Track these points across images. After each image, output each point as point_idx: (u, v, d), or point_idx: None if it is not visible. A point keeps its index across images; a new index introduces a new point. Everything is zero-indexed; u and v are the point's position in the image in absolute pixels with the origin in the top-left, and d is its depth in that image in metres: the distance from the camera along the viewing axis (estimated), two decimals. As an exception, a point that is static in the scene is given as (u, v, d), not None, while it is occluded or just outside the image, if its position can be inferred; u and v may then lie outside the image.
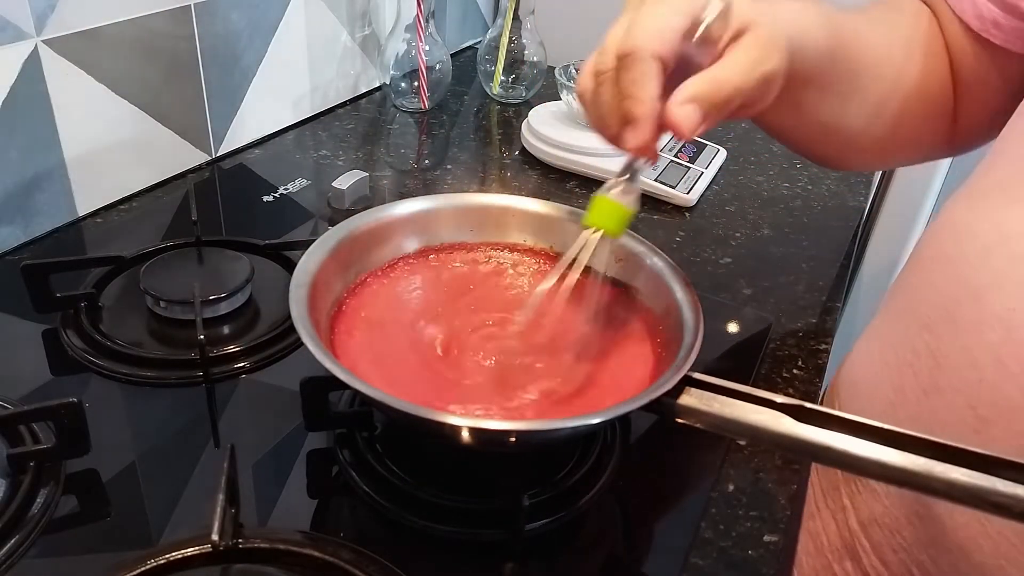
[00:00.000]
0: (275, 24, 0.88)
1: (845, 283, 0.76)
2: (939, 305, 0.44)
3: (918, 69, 0.54)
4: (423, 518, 0.45)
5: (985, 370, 0.40)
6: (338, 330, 0.50)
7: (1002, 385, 0.39)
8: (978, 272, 0.42)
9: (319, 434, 0.51)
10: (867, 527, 0.47)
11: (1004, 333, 0.39)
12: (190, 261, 0.64)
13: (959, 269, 0.43)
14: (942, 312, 0.44)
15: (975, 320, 0.41)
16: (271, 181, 0.83)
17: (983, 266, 0.42)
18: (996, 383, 0.39)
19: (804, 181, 0.91)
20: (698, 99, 0.41)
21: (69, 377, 0.55)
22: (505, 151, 0.96)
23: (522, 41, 1.05)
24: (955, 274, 0.44)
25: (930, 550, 0.43)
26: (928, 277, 0.46)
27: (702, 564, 0.45)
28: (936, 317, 0.44)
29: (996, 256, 0.41)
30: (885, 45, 0.54)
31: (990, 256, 0.42)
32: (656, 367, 0.48)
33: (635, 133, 0.42)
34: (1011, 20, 0.49)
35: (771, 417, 0.39)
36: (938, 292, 0.45)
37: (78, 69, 0.69)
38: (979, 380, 0.40)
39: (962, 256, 0.44)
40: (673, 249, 0.77)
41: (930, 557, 0.43)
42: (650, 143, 0.42)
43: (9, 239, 0.68)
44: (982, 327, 0.40)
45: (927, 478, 0.35)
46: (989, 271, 0.41)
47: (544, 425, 0.43)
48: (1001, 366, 0.39)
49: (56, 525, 0.44)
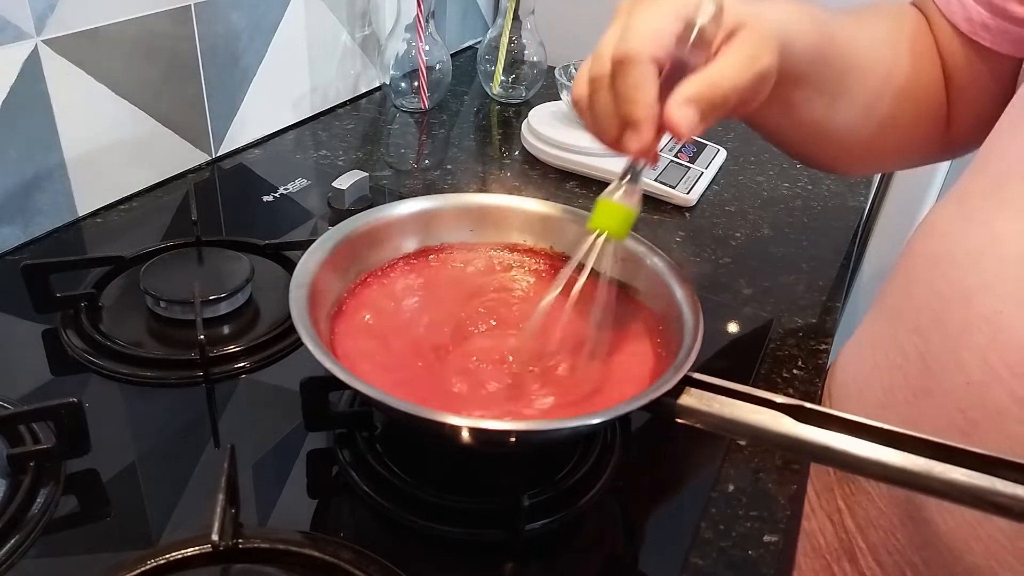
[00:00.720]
0: (275, 24, 0.88)
1: (845, 283, 0.76)
2: (928, 307, 0.44)
3: (907, 70, 0.54)
4: (423, 518, 0.45)
5: (973, 372, 0.40)
6: (338, 330, 0.50)
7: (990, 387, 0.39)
8: (967, 274, 0.42)
9: (319, 434, 0.51)
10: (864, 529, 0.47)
11: (991, 335, 0.39)
12: (190, 261, 0.64)
13: (948, 271, 0.43)
14: (931, 314, 0.44)
15: (963, 322, 0.41)
16: (271, 181, 0.83)
17: (972, 268, 0.42)
18: (984, 385, 0.39)
19: (804, 181, 0.91)
20: (696, 100, 0.41)
21: (69, 377, 0.55)
22: (505, 151, 0.96)
23: (522, 41, 1.05)
24: (944, 276, 0.44)
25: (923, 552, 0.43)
26: (917, 279, 0.46)
27: (702, 564, 0.45)
28: (925, 319, 0.44)
29: (986, 258, 0.41)
30: (874, 46, 0.54)
31: (980, 258, 0.42)
32: (656, 367, 0.48)
33: (636, 136, 0.42)
34: (999, 22, 0.49)
35: (771, 417, 0.39)
36: (927, 294, 0.45)
37: (78, 69, 0.69)
38: (967, 383, 0.40)
39: (951, 258, 0.44)
40: (673, 249, 0.77)
41: (923, 559, 0.43)
42: (651, 146, 0.43)
43: (9, 239, 0.68)
44: (970, 329, 0.40)
45: (927, 478, 0.35)
46: (978, 273, 0.41)
47: (544, 425, 0.43)
48: (988, 368, 0.39)
49: (56, 525, 0.44)
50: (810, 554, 0.52)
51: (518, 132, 0.96)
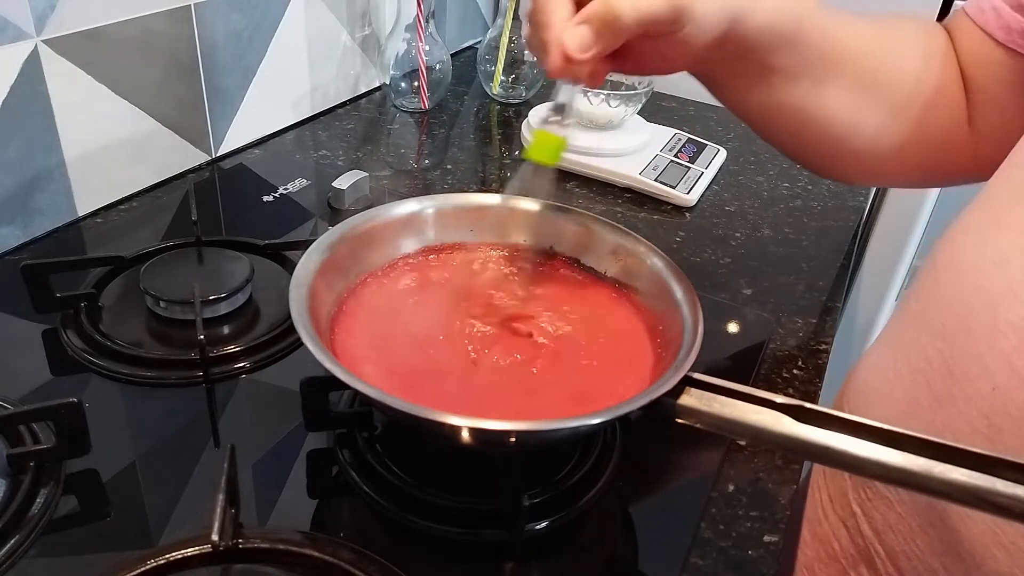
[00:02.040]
0: (275, 24, 0.88)
1: (845, 283, 0.76)
2: (953, 314, 0.44)
3: (937, 81, 0.55)
4: (423, 518, 0.45)
5: (998, 378, 0.40)
6: (338, 330, 0.50)
7: (1015, 393, 0.39)
8: (993, 280, 0.42)
9: (319, 434, 0.51)
10: (881, 534, 0.47)
11: (1018, 341, 0.39)
12: (190, 261, 0.64)
13: (974, 277, 0.43)
14: (955, 321, 0.43)
15: (989, 328, 0.41)
16: (271, 181, 0.83)
17: (998, 274, 0.42)
18: (1009, 391, 0.39)
19: (804, 181, 0.91)
20: (588, 19, 0.44)
21: (69, 377, 0.55)
22: (505, 151, 0.96)
23: (522, 41, 1.05)
24: (970, 282, 0.43)
25: (943, 558, 0.43)
26: (941, 286, 0.46)
27: (702, 564, 0.45)
28: (949, 326, 0.44)
29: (1011, 264, 0.41)
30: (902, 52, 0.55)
31: (1006, 264, 0.42)
32: (656, 367, 0.48)
33: (546, 58, 0.45)
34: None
35: (771, 417, 0.39)
36: (952, 301, 0.44)
37: (78, 69, 0.69)
38: (992, 389, 0.40)
39: (976, 265, 0.44)
40: (673, 249, 0.77)
41: (943, 565, 0.43)
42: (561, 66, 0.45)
43: (9, 239, 0.68)
44: (996, 335, 0.40)
45: (927, 478, 0.35)
46: (1004, 279, 0.41)
47: (544, 425, 0.43)
48: (1014, 374, 0.39)
49: (56, 525, 0.44)
50: (825, 560, 0.52)
51: (518, 132, 0.96)
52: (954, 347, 0.43)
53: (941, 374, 0.43)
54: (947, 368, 0.43)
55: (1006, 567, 0.39)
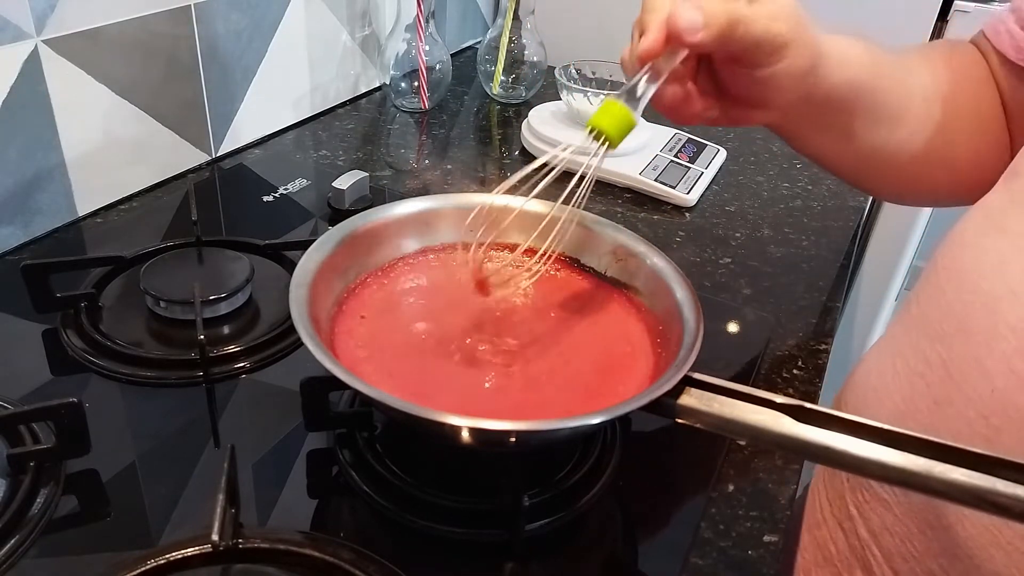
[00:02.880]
0: (275, 24, 0.88)
1: (845, 283, 0.76)
2: (952, 316, 0.44)
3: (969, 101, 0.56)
4: (423, 518, 0.45)
5: (997, 380, 0.40)
6: (338, 330, 0.50)
7: (1014, 395, 0.39)
8: (992, 283, 0.42)
9: (319, 434, 0.51)
10: (878, 536, 0.47)
11: (1017, 344, 0.39)
12: (190, 261, 0.64)
13: (974, 280, 0.43)
14: (955, 323, 0.44)
15: (988, 331, 0.41)
16: (271, 181, 0.83)
17: (998, 277, 0.42)
18: (1008, 393, 0.39)
19: (804, 181, 0.91)
20: (704, 8, 0.43)
21: (69, 377, 0.55)
22: (505, 151, 0.96)
23: (522, 41, 1.05)
24: (969, 285, 0.44)
25: (941, 560, 0.43)
26: (942, 288, 0.46)
27: (702, 564, 0.45)
28: (949, 328, 0.44)
29: (1011, 267, 0.41)
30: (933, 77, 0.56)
31: (1005, 268, 0.42)
32: (656, 367, 0.48)
33: (646, 37, 0.44)
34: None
35: (771, 417, 0.39)
36: (952, 303, 0.44)
37: (78, 69, 0.69)
38: (991, 391, 0.40)
39: (976, 268, 0.44)
40: (673, 249, 0.77)
41: (941, 567, 0.43)
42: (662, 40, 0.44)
43: (9, 239, 0.68)
44: (995, 337, 0.40)
45: (927, 478, 0.35)
46: (1004, 282, 0.41)
47: (544, 425, 0.43)
48: (1013, 376, 0.39)
49: (56, 525, 0.44)
50: (821, 563, 0.52)
51: (518, 132, 0.96)
52: (953, 349, 0.43)
53: (940, 376, 0.43)
54: (946, 370, 0.43)
55: (1004, 568, 0.39)
